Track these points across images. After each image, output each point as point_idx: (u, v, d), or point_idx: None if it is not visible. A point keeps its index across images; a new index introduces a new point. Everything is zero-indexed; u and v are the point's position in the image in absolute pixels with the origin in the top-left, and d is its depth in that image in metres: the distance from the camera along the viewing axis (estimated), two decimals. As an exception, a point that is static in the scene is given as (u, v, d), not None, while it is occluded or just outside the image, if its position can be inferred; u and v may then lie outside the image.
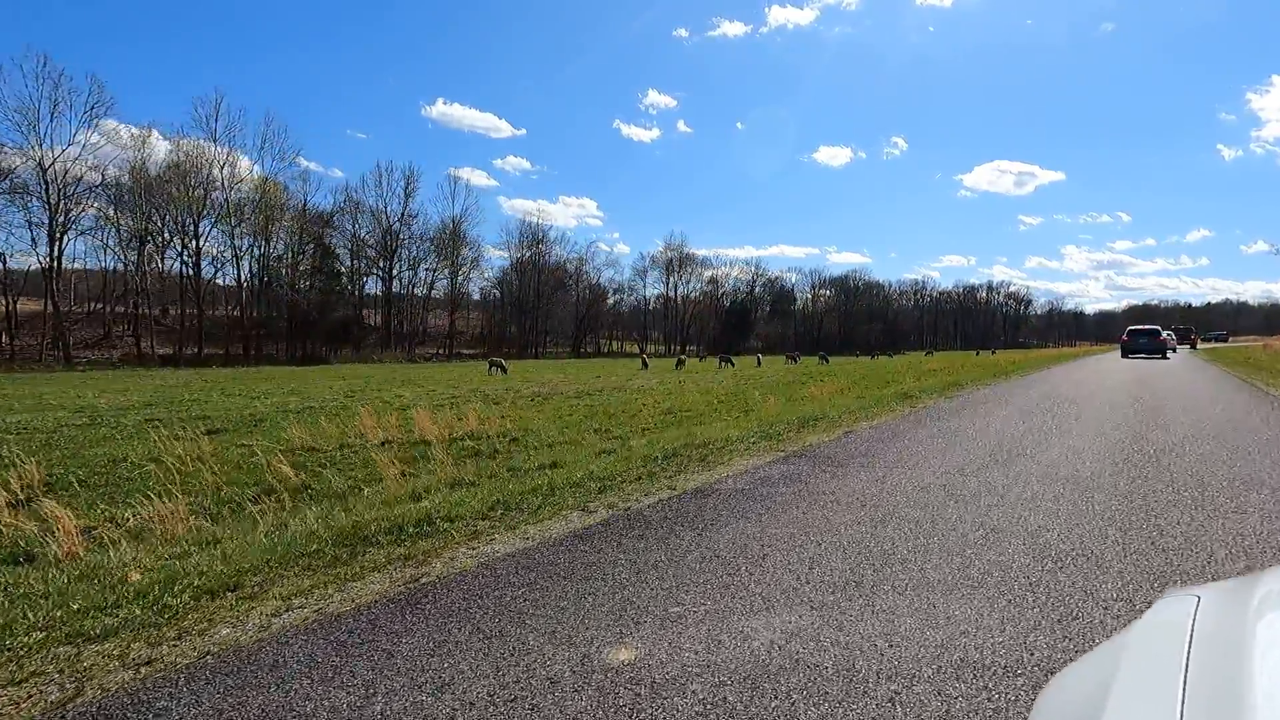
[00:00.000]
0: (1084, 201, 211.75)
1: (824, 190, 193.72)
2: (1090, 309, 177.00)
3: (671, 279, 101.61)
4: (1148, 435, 7.72)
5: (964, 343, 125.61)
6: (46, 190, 45.89)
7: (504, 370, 33.41)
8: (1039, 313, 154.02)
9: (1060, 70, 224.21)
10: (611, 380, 26.47)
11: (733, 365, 41.93)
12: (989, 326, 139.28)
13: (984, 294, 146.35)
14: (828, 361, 50.66)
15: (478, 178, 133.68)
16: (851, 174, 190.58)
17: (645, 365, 41.02)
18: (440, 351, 70.51)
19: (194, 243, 56.65)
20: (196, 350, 54.96)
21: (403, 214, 71.98)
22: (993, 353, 66.02)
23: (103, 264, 57.39)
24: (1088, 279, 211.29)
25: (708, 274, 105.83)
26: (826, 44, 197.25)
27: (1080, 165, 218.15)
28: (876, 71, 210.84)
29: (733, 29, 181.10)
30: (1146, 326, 38.43)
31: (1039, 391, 14.06)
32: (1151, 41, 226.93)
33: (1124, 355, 36.12)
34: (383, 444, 9.84)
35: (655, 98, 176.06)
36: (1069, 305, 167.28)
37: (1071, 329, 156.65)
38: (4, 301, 46.98)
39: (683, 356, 44.48)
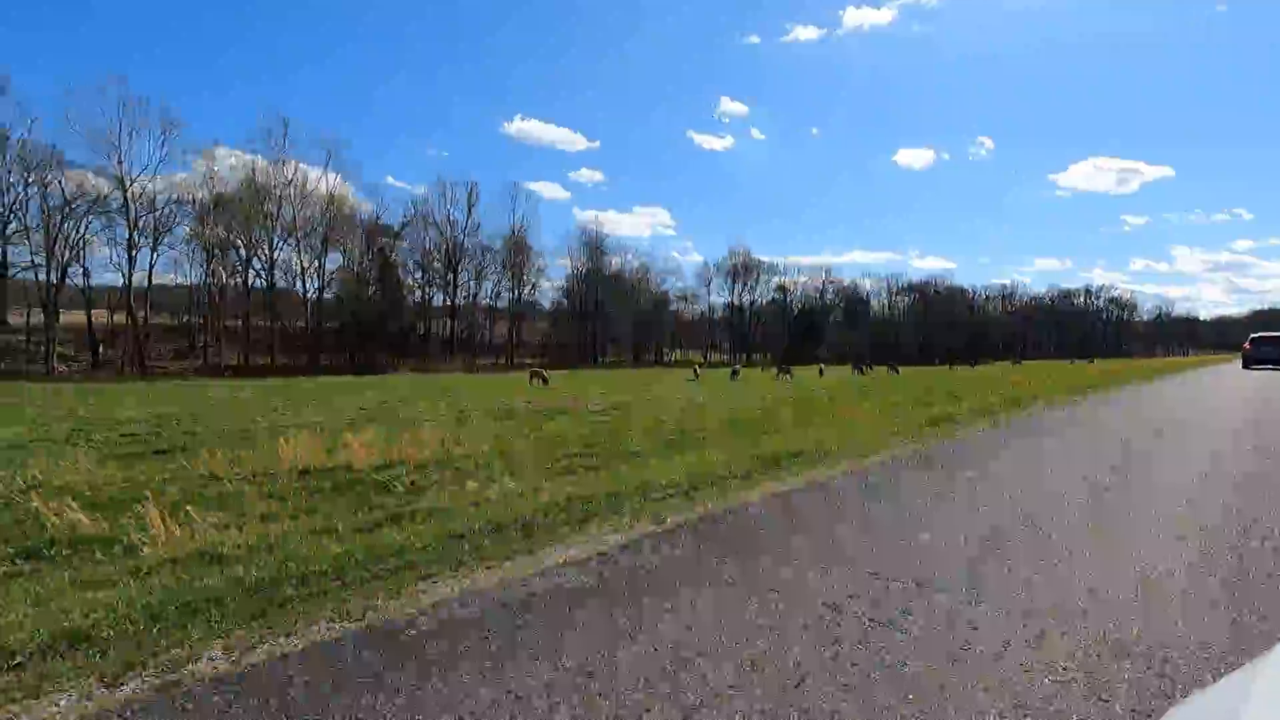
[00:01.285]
0: (1196, 198, 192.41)
1: (904, 193, 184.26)
2: (1206, 314, 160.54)
3: (736, 286, 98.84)
4: (1273, 516, 4.81)
5: (1059, 351, 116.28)
6: (127, 209, 48.46)
7: (545, 381, 32.39)
8: (1145, 318, 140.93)
9: (1165, 57, 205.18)
10: (648, 393, 24.77)
11: (791, 377, 39.57)
12: (1088, 334, 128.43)
13: (1081, 298, 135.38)
14: (898, 372, 47.23)
15: (553, 190, 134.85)
16: (934, 176, 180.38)
17: (696, 376, 39.13)
18: (501, 361, 70.64)
19: (266, 257, 59.00)
20: (269, 360, 56.96)
21: (465, 225, 72.97)
22: (1090, 362, 59.87)
23: (189, 279, 60.44)
24: (1202, 282, 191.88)
25: (774, 281, 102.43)
26: (906, 43, 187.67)
27: (1191, 159, 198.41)
28: (960, 69, 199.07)
29: (805, 33, 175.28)
30: (1274, 333, 33.18)
31: (1119, 417, 11.24)
32: (1272, 20, 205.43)
33: (1245, 366, 31.33)
34: (302, 473, 8.51)
35: (727, 105, 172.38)
36: (1180, 310, 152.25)
37: (1184, 336, 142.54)
38: (87, 316, 49.88)
39: (737, 367, 42.19)
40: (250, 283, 60.63)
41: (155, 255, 54.83)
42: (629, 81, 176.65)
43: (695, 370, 42.08)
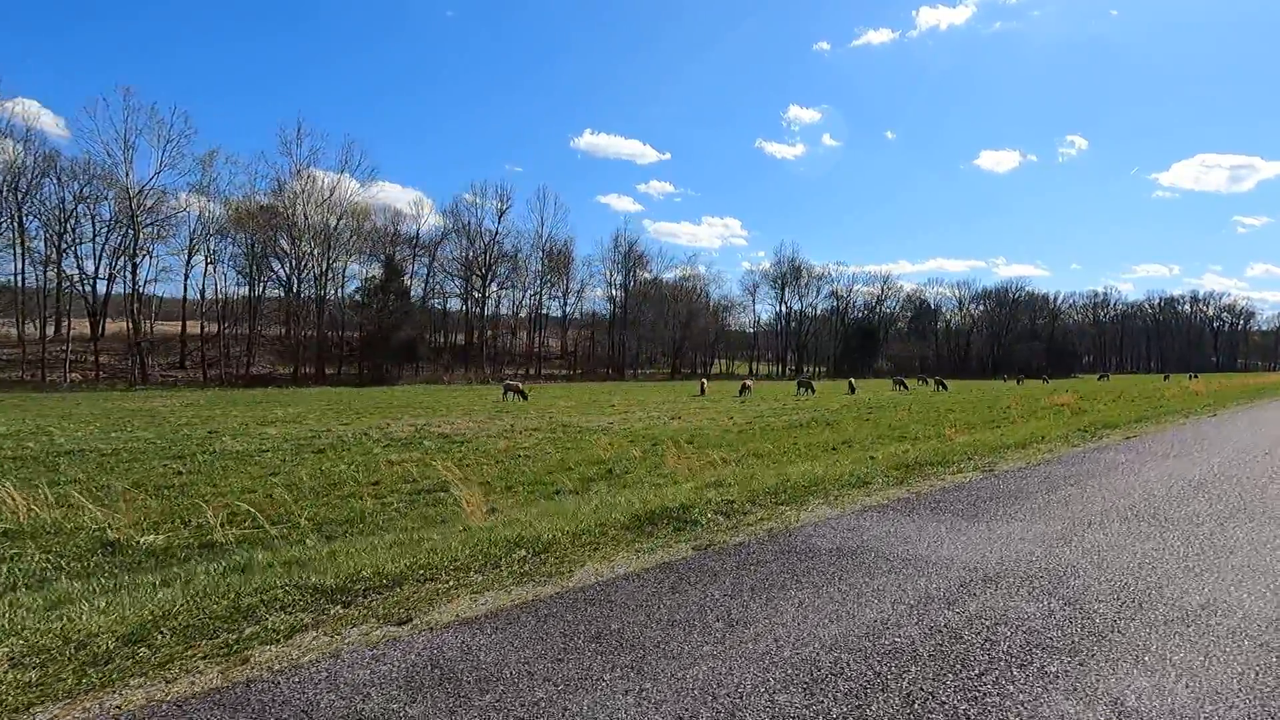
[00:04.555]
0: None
1: (988, 199, 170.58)
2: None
3: (785, 295, 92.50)
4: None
5: (1161, 364, 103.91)
6: (134, 218, 48.02)
7: (523, 396, 28.97)
8: (1265, 328, 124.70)
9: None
10: (605, 414, 20.98)
11: (812, 392, 35.00)
12: (1194, 345, 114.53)
13: (1187, 307, 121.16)
14: (945, 388, 41.46)
15: (623, 203, 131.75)
16: (1020, 179, 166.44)
17: (703, 391, 35.02)
18: (523, 371, 67.86)
19: (287, 268, 58.20)
20: (292, 369, 56.16)
21: (495, 233, 70.84)
22: (1192, 378, 51.02)
23: (215, 289, 60.02)
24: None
25: (827, 289, 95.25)
26: (985, 41, 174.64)
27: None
28: (1045, 66, 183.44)
29: (878, 37, 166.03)
30: None
31: (1119, 494, 6.40)
32: None
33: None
34: None
35: (798, 113, 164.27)
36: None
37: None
38: (91, 326, 49.72)
39: (747, 383, 37.53)
40: (293, 295, 59.80)
41: (189, 266, 55.12)
42: (697, 94, 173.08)
43: (702, 386, 37.81)
